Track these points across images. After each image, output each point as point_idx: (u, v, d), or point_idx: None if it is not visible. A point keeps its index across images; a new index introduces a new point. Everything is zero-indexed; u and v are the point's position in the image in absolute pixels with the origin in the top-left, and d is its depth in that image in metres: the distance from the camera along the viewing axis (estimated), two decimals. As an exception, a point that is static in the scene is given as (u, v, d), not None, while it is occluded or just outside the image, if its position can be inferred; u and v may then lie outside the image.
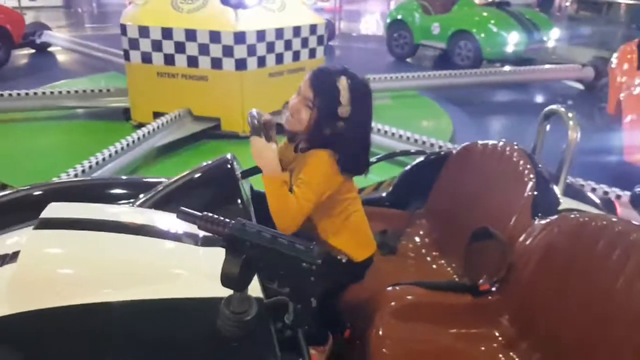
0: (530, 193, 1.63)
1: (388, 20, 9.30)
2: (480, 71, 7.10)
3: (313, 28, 5.06)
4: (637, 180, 2.90)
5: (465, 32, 7.85)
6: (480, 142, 1.95)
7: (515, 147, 1.80)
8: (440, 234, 2.02)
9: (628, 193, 2.53)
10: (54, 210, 1.31)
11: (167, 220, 1.42)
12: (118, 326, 1.07)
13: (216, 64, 4.55)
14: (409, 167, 2.15)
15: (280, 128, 1.62)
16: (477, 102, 6.81)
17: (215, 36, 4.44)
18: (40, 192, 1.76)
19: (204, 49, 4.51)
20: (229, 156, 1.62)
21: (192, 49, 4.52)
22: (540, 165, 1.72)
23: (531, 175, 1.68)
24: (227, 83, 4.62)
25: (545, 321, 1.46)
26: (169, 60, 4.61)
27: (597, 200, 1.94)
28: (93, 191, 1.81)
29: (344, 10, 13.86)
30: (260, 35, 4.58)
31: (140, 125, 4.70)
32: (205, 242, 1.32)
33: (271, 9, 4.79)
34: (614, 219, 1.38)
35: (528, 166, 1.69)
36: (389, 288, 1.56)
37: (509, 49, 7.60)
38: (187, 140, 4.63)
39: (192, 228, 1.38)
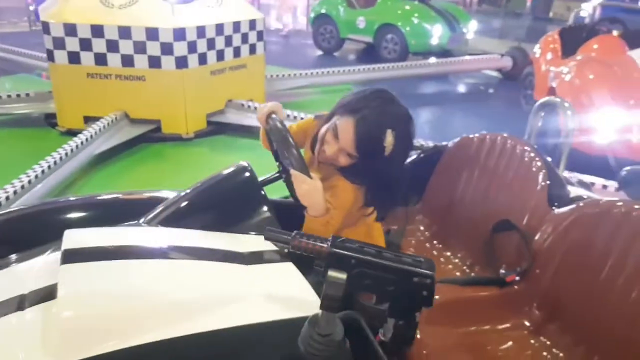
0: (543, 183, 1.67)
1: (312, 15, 9.30)
2: (407, 64, 7.29)
3: (252, 23, 4.92)
4: (585, 165, 3.12)
5: (391, 26, 8.02)
6: (475, 135, 1.98)
7: (517, 139, 1.84)
8: (440, 228, 2.02)
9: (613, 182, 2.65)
10: (75, 238, 1.14)
11: (197, 239, 1.29)
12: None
13: (154, 62, 4.27)
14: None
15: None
16: (406, 94, 6.89)
17: (152, 33, 4.17)
18: (24, 215, 1.55)
19: (140, 47, 4.22)
20: (245, 163, 1.49)
21: (126, 47, 4.21)
22: (545, 156, 1.77)
23: (539, 165, 1.72)
24: (166, 83, 4.37)
25: (572, 305, 1.51)
26: (101, 60, 4.26)
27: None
28: (88, 211, 1.61)
29: (261, 5, 13.67)
30: (201, 31, 4.37)
31: (70, 132, 4.33)
32: (251, 260, 1.22)
33: (209, 4, 4.59)
34: (635, 205, 1.44)
35: (536, 158, 1.73)
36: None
37: (433, 41, 7.88)
38: (124, 146, 4.32)
39: (229, 245, 1.27)
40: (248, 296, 1.10)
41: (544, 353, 1.51)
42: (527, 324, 1.57)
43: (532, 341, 1.54)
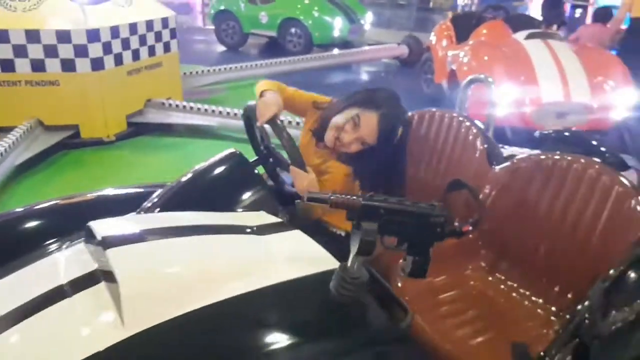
0: (481, 147, 1.97)
1: (212, 12, 9.26)
2: (314, 56, 7.57)
3: (165, 21, 4.88)
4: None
5: (294, 20, 8.25)
6: (414, 113, 2.24)
7: (453, 112, 2.13)
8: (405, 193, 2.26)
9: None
10: (104, 227, 1.22)
11: (208, 218, 1.41)
12: (246, 317, 1.09)
13: (68, 66, 4.11)
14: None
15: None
16: (315, 84, 7.25)
17: (64, 35, 4.01)
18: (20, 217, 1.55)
19: (51, 51, 4.04)
20: (233, 150, 1.62)
21: (36, 51, 4.01)
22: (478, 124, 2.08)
23: (475, 132, 2.02)
24: (83, 86, 4.22)
25: (517, 244, 1.83)
26: (8, 66, 4.02)
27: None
28: (82, 210, 1.62)
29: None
30: (115, 31, 4.28)
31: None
32: (263, 231, 1.36)
33: (119, 3, 4.48)
34: (557, 157, 1.78)
35: (472, 126, 2.03)
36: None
37: (335, 33, 8.23)
38: (42, 154, 4.12)
39: (237, 221, 1.40)
40: (273, 260, 1.25)
41: (501, 286, 1.81)
42: (483, 264, 1.87)
43: (490, 278, 1.84)
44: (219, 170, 1.59)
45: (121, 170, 4.19)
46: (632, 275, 1.42)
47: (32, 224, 1.58)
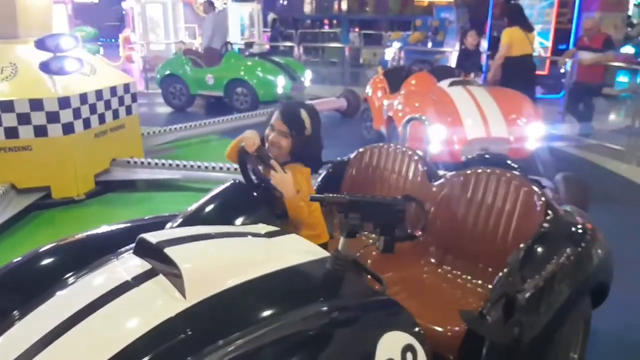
0: (422, 169, 2.52)
1: (158, 76, 9.70)
2: (261, 112, 8.13)
3: (126, 87, 5.29)
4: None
5: (240, 80, 8.85)
6: (369, 146, 2.77)
7: (398, 145, 2.68)
8: None
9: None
10: (153, 237, 1.60)
11: (226, 229, 1.82)
12: (270, 289, 1.52)
13: (40, 131, 4.42)
14: (321, 176, 2.83)
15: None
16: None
17: (36, 104, 4.34)
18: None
19: (24, 119, 4.34)
20: (232, 179, 2.06)
21: (9, 120, 4.30)
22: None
23: (417, 158, 2.57)
24: (54, 149, 4.51)
25: (456, 241, 2.34)
26: (-19, 135, 4.27)
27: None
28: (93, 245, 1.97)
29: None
30: (83, 97, 4.64)
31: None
32: (270, 235, 1.79)
33: (84, 72, 4.87)
34: (481, 170, 2.34)
35: (414, 155, 2.58)
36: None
37: (279, 90, 8.86)
38: (15, 217, 4.32)
39: (249, 230, 1.83)
40: (283, 252, 1.69)
41: (449, 275, 2.30)
42: (433, 260, 2.37)
43: (439, 271, 2.33)
44: (222, 195, 2.01)
45: (93, 226, 4.39)
46: (539, 249, 1.96)
47: (46, 262, 1.85)
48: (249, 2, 16.14)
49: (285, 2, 24.38)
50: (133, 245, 1.69)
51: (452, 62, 9.63)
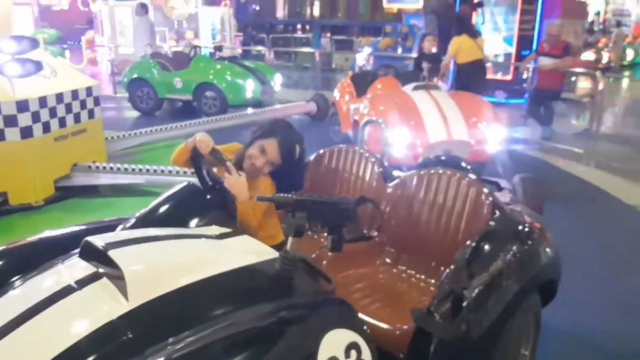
0: (378, 170, 2.55)
1: (125, 80, 9.57)
2: (229, 115, 8.10)
3: (89, 90, 5.21)
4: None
5: (208, 84, 8.80)
6: (328, 148, 2.80)
7: (355, 148, 2.71)
8: None
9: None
10: (99, 239, 1.59)
11: (178, 230, 1.82)
12: (218, 290, 1.52)
13: (-3, 135, 4.31)
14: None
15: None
16: (231, 141, 7.76)
17: (-7, 107, 4.23)
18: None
19: (-21, 122, 4.23)
20: (186, 182, 2.05)
21: (-36, 123, 4.19)
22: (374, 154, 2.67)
23: (374, 160, 2.61)
24: (11, 154, 4.41)
25: (411, 241, 2.39)
26: None
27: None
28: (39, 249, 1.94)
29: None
30: (43, 101, 4.55)
31: None
32: (221, 237, 1.79)
33: (45, 75, 4.77)
34: (434, 170, 2.39)
35: (371, 157, 2.62)
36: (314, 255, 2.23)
37: (248, 94, 8.85)
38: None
39: (201, 232, 1.82)
40: (231, 253, 1.69)
41: (403, 275, 2.34)
42: (388, 260, 2.40)
43: (395, 270, 2.36)
44: (176, 198, 2.00)
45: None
46: (485, 246, 2.01)
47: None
48: (220, 6, 16.10)
49: (258, 7, 24.36)
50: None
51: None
